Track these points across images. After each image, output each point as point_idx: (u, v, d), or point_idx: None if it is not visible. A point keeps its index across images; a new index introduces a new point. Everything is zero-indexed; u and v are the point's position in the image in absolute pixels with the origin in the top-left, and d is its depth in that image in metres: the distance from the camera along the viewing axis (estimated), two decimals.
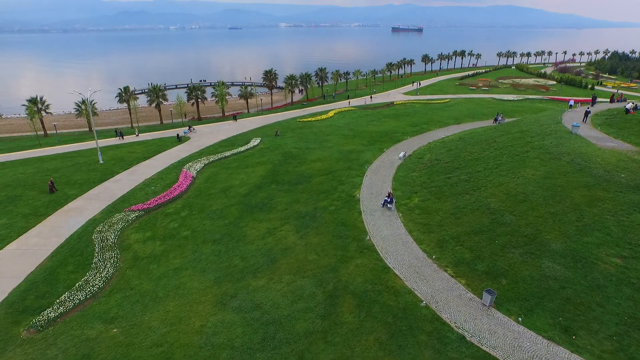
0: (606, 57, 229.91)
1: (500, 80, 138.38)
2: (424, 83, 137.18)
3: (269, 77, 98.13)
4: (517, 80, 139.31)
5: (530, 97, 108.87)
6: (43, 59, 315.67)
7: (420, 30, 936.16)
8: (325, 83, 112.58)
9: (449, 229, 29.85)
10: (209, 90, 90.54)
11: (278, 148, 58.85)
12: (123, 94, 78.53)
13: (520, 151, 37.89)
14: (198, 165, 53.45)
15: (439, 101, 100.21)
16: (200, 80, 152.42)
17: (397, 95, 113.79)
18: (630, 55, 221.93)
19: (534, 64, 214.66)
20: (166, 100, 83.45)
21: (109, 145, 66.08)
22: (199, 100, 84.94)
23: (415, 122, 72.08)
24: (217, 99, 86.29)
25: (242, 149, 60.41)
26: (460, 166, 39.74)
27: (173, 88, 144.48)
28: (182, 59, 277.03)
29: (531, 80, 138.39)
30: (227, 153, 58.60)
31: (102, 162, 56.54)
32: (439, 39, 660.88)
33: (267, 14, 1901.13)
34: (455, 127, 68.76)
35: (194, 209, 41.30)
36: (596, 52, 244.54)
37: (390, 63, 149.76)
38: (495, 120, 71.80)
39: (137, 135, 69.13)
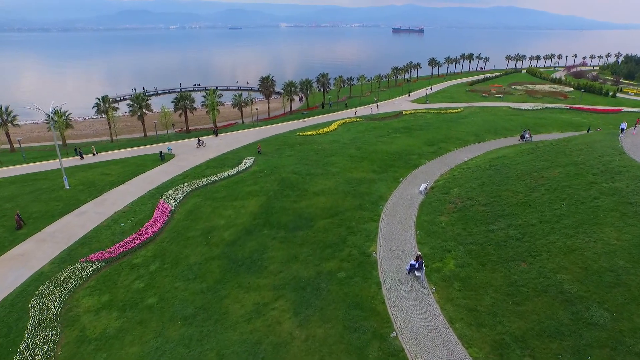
0: (619, 60, 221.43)
1: (513, 87, 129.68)
2: (429, 88, 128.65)
3: (266, 84, 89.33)
4: (531, 86, 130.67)
5: (549, 105, 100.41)
6: (32, 59, 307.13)
7: (421, 31, 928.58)
8: (328, 89, 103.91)
9: (507, 321, 21.16)
10: (200, 99, 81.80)
11: (274, 172, 50.12)
12: (101, 104, 69.74)
13: (586, 197, 29.11)
14: (179, 194, 44.78)
15: (451, 111, 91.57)
16: (194, 85, 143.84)
17: (404, 103, 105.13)
18: None
19: (545, 67, 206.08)
20: (150, 110, 74.81)
21: (81, 164, 57.43)
22: (187, 110, 76.24)
23: (430, 139, 63.32)
24: (207, 108, 77.58)
25: (233, 172, 51.69)
26: (504, 213, 30.98)
27: (165, 93, 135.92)
28: (177, 61, 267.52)
29: (546, 87, 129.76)
30: (215, 177, 49.91)
31: (68, 187, 47.98)
32: (440, 40, 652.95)
33: (269, 14, 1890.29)
34: (478, 146, 60.07)
35: (167, 259, 32.66)
36: (607, 55, 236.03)
37: (396, 67, 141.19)
38: (522, 137, 63.22)
39: (95, 154, 60.26)
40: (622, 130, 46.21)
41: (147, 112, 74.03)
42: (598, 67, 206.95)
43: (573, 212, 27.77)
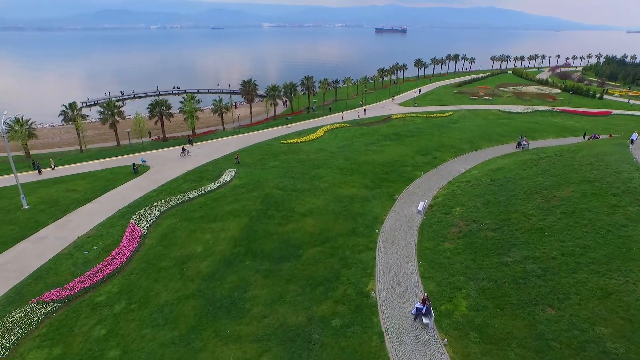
0: (600, 61, 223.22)
1: (501, 88, 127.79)
2: (418, 89, 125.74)
3: (248, 88, 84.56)
4: (518, 87, 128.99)
5: (539, 108, 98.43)
6: (2, 60, 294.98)
7: (404, 31, 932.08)
8: (314, 92, 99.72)
9: None
10: (178, 104, 76.67)
11: (257, 187, 45.80)
12: (68, 112, 64.05)
13: (611, 224, 25.69)
14: (152, 214, 40.14)
15: (441, 115, 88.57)
16: (173, 88, 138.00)
17: (392, 106, 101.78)
18: (627, 60, 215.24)
19: (529, 68, 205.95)
20: (123, 117, 69.36)
21: (44, 179, 52.03)
22: (164, 116, 71.11)
23: (423, 147, 59.80)
24: (185, 115, 72.54)
25: (212, 186, 47.15)
26: (518, 241, 27.40)
27: (142, 96, 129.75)
28: (157, 63, 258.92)
29: (533, 88, 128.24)
30: (193, 193, 45.32)
31: (26, 207, 42.92)
32: (423, 39, 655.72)
33: (252, 13, 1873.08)
34: (474, 155, 56.79)
35: (135, 297, 28.20)
36: (589, 56, 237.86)
37: (382, 69, 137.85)
38: (519, 144, 60.27)
39: (53, 168, 54.61)
40: (632, 141, 43.28)
41: (119, 119, 68.59)
42: (581, 68, 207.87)
43: (600, 244, 24.29)
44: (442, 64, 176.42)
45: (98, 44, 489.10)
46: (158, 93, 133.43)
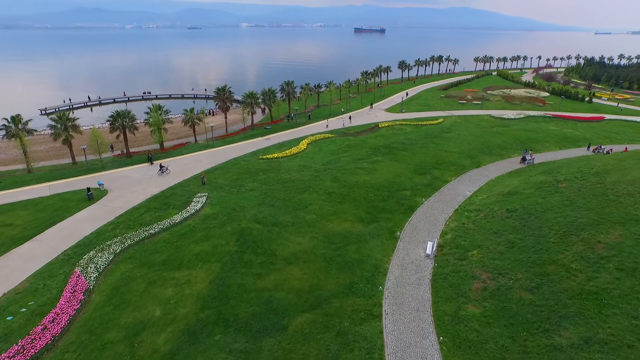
0: (580, 62, 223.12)
1: (489, 92, 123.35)
2: (403, 93, 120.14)
3: (222, 95, 76.63)
4: (506, 91, 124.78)
5: (531, 113, 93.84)
6: None
7: (382, 31, 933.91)
8: (296, 97, 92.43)
9: None
10: (144, 114, 68.32)
11: (231, 218, 38.58)
12: (11, 127, 54.91)
13: None
14: (104, 258, 32.62)
15: (431, 122, 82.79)
16: (144, 93, 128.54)
17: (378, 112, 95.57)
18: (607, 62, 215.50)
19: (512, 69, 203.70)
20: (79, 132, 60.68)
21: None
22: (127, 129, 62.77)
23: (419, 163, 53.53)
24: (152, 127, 64.38)
25: (178, 217, 39.65)
26: (569, 312, 21.07)
27: (109, 103, 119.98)
28: (129, 65, 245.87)
29: (522, 91, 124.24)
30: (156, 227, 37.81)
31: None
32: (402, 40, 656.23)
33: (229, 13, 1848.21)
34: (477, 173, 50.84)
35: None
36: (568, 57, 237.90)
37: (366, 71, 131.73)
38: (524, 159, 54.72)
39: None
40: None
41: (74, 134, 59.89)
42: (563, 69, 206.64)
43: None
44: (425, 66, 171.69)
45: (67, 43, 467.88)
46: (127, 99, 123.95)
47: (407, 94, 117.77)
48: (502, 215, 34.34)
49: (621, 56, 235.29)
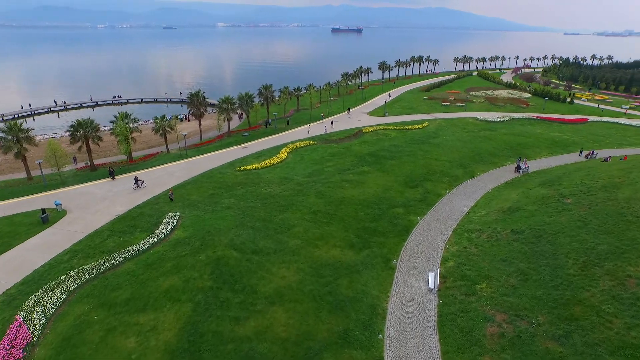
0: (556, 62, 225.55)
1: (471, 93, 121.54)
2: (385, 95, 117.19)
3: (196, 101, 71.37)
4: (489, 92, 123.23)
5: (515, 115, 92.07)
6: None
7: (360, 31, 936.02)
8: (275, 100, 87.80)
9: None
10: (112, 122, 62.71)
11: (205, 244, 34.03)
12: None
13: None
14: (55, 298, 27.86)
15: (416, 126, 79.79)
16: (114, 97, 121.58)
17: (361, 115, 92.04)
18: (581, 62, 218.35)
19: (492, 69, 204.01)
20: (34, 143, 54.57)
21: None
22: (90, 139, 57.13)
23: (409, 174, 49.95)
24: (117, 137, 58.87)
25: (145, 244, 34.89)
26: None
27: (76, 107, 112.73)
28: (100, 67, 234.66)
29: (504, 92, 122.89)
30: (119, 256, 33.05)
31: None
32: (380, 39, 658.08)
33: (205, 12, 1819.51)
34: (471, 184, 47.62)
35: None
36: (545, 58, 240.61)
37: (347, 73, 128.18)
38: (518, 168, 51.88)
39: None
40: None
41: (28, 146, 53.88)
42: (541, 69, 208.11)
43: None
44: (406, 67, 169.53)
45: (33, 44, 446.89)
46: (95, 103, 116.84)
47: (389, 96, 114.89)
48: (507, 237, 30.95)
49: (593, 57, 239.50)
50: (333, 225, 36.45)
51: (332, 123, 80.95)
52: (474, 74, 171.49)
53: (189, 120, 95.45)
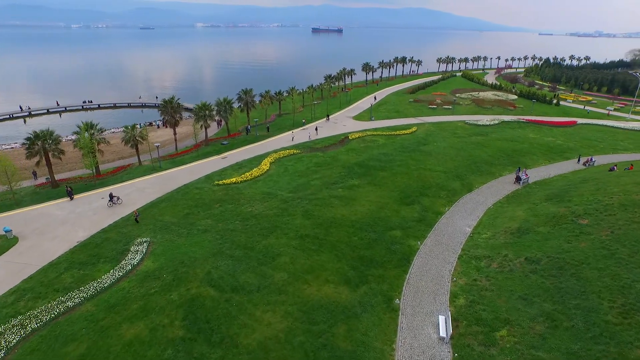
0: (537, 62, 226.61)
1: (457, 95, 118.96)
2: (370, 98, 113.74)
3: (170, 109, 65.94)
4: (475, 93, 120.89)
5: (504, 118, 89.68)
6: None
7: (340, 31, 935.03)
8: (254, 107, 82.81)
9: None
10: (72, 134, 56.92)
11: (178, 279, 29.38)
12: None
13: None
14: None
15: (404, 131, 76.35)
16: (84, 102, 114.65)
17: (346, 120, 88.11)
18: (560, 62, 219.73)
19: (475, 69, 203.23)
20: None
21: None
22: (49, 154, 51.41)
23: (403, 188, 46.06)
24: (81, 150, 53.15)
25: (108, 279, 30.18)
26: None
27: (42, 114, 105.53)
28: (72, 68, 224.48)
29: (490, 94, 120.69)
30: (75, 297, 28.38)
31: None
32: (361, 40, 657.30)
33: (184, 13, 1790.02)
34: (470, 199, 44.00)
35: None
36: (525, 58, 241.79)
37: (330, 75, 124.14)
38: (518, 179, 48.61)
39: None
40: None
41: None
42: (523, 70, 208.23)
43: None
44: (390, 68, 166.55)
45: (3, 44, 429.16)
46: (63, 109, 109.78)
47: (375, 98, 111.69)
48: (522, 267, 27.25)
49: (572, 57, 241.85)
50: (324, 253, 32.16)
51: (316, 129, 76.80)
52: (458, 74, 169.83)
53: (166, 127, 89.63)
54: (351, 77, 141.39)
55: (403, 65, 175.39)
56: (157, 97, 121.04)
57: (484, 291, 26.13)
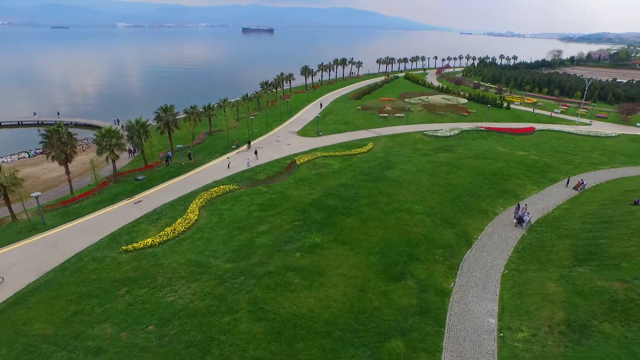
0: (473, 62, 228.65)
1: (406, 100, 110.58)
2: (312, 106, 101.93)
3: (55, 140, 47.73)
4: (424, 98, 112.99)
5: (463, 127, 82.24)
6: None
7: (271, 30, 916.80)
8: (176, 128, 66.62)
9: None
10: None
11: None
12: None
13: None
14: None
15: (360, 150, 65.19)
16: None
17: (289, 137, 75.12)
18: (495, 62, 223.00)
19: (414, 69, 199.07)
20: None
21: None
22: None
23: (383, 251, 33.99)
24: None
25: None
26: None
27: None
28: None
29: (439, 98, 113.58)
30: None
31: None
32: (292, 39, 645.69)
33: (102, 11, 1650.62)
34: (475, 260, 33.00)
35: None
36: (460, 57, 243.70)
37: (266, 82, 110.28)
38: (520, 220, 38.70)
39: None
40: None
41: None
42: (462, 69, 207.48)
43: None
44: (329, 70, 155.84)
45: None
46: None
47: (321, 105, 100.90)
48: None
49: (502, 56, 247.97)
50: None
51: (255, 153, 63.08)
52: (400, 75, 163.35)
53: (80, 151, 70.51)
54: (290, 83, 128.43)
55: (343, 67, 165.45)
56: (58, 114, 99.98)
57: None
